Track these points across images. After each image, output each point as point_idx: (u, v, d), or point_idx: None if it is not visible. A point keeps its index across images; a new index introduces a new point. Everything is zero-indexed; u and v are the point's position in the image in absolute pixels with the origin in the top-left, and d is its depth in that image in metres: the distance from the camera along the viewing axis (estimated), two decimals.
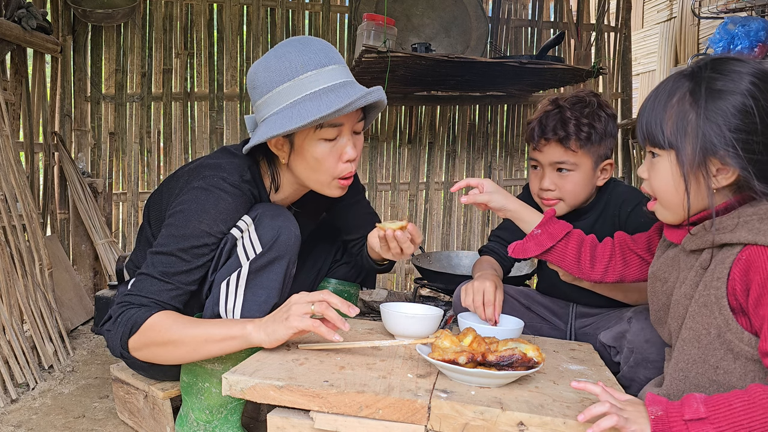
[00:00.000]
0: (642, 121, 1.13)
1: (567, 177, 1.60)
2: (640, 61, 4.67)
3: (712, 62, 1.08)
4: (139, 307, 1.30)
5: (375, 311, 2.84)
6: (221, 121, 3.26)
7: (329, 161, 1.38)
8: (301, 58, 1.32)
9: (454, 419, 1.03)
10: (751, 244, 1.00)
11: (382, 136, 3.42)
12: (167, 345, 1.27)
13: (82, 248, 2.94)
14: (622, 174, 3.52)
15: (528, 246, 1.40)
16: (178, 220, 1.34)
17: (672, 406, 0.94)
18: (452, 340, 1.18)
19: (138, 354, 1.31)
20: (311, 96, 1.31)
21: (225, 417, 1.43)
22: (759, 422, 0.89)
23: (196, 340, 1.26)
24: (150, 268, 1.33)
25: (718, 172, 1.05)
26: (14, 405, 1.74)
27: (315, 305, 1.22)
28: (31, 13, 2.43)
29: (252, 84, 1.39)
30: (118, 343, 1.31)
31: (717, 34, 2.40)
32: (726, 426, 0.90)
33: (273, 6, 3.25)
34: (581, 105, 1.59)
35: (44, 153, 2.85)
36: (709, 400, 0.93)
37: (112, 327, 1.31)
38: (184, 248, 1.32)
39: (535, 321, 1.76)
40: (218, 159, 1.44)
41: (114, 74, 3.16)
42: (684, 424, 0.92)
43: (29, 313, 2.04)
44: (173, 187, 1.47)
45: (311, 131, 1.35)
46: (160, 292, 1.31)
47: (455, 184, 1.46)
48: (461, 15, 3.15)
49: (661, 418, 0.93)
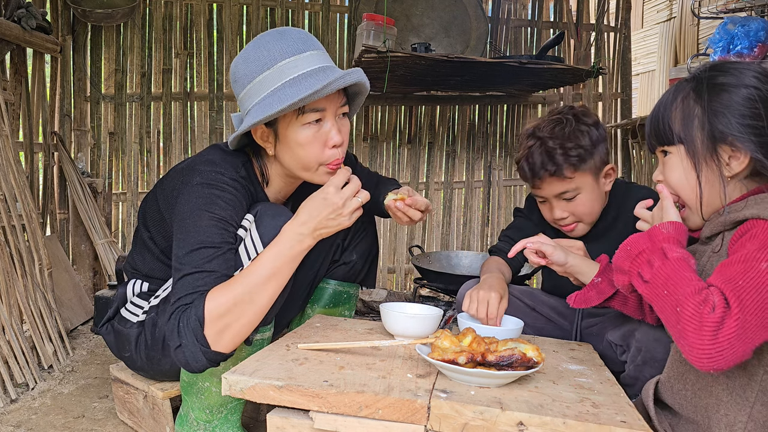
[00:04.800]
0: (650, 126, 1.17)
1: (575, 201, 1.61)
2: (639, 61, 4.67)
3: (711, 65, 1.13)
4: (189, 305, 1.24)
5: (375, 311, 2.84)
6: (221, 121, 3.26)
7: (314, 147, 1.36)
8: (279, 46, 1.33)
9: (454, 419, 1.03)
10: (754, 218, 1.01)
11: (382, 136, 3.42)
12: (241, 311, 1.22)
13: (82, 248, 2.94)
14: (622, 174, 3.52)
15: (589, 295, 1.39)
16: (189, 218, 1.31)
17: (643, 254, 1.05)
18: (452, 340, 1.18)
19: (223, 342, 1.23)
20: (290, 82, 1.30)
21: (225, 417, 1.43)
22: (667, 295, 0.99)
23: (262, 283, 1.24)
24: (184, 269, 1.27)
25: (730, 159, 1.08)
26: (14, 405, 1.74)
27: (360, 197, 1.29)
28: (30, 13, 2.43)
29: (234, 78, 1.39)
30: (198, 349, 1.22)
31: (717, 34, 2.40)
32: (652, 296, 1.02)
33: (273, 6, 3.25)
34: (560, 128, 1.58)
35: (44, 153, 2.85)
36: (660, 269, 1.01)
37: (178, 340, 1.22)
38: (207, 239, 1.28)
39: (540, 322, 1.76)
40: (211, 156, 1.42)
41: (114, 74, 3.16)
42: (636, 275, 1.07)
43: (29, 313, 2.04)
44: (167, 188, 1.46)
45: (293, 118, 1.34)
46: (205, 284, 1.25)
47: (512, 248, 1.48)
48: (461, 15, 3.15)
49: (630, 252, 1.08)
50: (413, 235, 3.49)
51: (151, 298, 1.53)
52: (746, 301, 0.91)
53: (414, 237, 3.49)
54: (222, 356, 1.25)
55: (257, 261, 1.27)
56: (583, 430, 0.98)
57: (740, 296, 0.91)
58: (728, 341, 0.89)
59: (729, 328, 0.89)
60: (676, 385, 1.13)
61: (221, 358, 1.25)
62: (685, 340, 0.93)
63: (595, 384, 1.21)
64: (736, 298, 0.91)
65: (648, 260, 1.04)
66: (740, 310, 0.90)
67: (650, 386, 1.20)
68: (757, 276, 0.93)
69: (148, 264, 1.56)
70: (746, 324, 0.90)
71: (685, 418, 1.11)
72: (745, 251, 0.97)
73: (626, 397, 1.14)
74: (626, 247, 1.09)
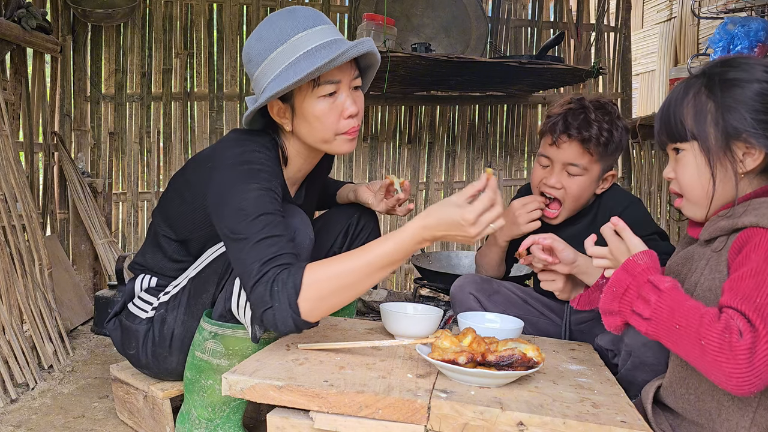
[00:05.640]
0: (660, 122, 1.15)
1: (575, 179, 1.61)
2: (639, 61, 4.67)
3: (721, 60, 1.11)
4: (282, 269, 1.22)
5: (375, 311, 2.84)
6: (221, 121, 3.26)
7: (331, 118, 1.38)
8: (291, 23, 1.35)
9: (454, 419, 1.03)
10: (753, 226, 1.00)
11: (382, 136, 3.42)
12: (340, 292, 1.22)
13: (82, 248, 2.94)
14: (622, 174, 3.52)
15: (594, 297, 1.38)
16: (236, 193, 1.30)
17: (631, 290, 1.03)
18: (452, 340, 1.18)
19: (314, 314, 1.22)
20: (305, 54, 1.33)
21: (227, 415, 1.43)
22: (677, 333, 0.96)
23: (370, 272, 1.22)
24: (252, 237, 1.24)
25: (744, 156, 1.06)
26: (14, 405, 1.74)
27: (495, 224, 1.20)
28: (30, 13, 2.43)
29: (247, 57, 1.41)
30: (289, 315, 1.21)
31: (717, 34, 2.39)
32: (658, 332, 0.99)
33: (273, 6, 3.25)
34: (603, 111, 1.59)
35: (44, 153, 2.85)
36: (659, 303, 0.98)
37: (270, 302, 1.21)
38: (263, 208, 1.27)
39: (533, 315, 1.77)
40: (236, 138, 1.43)
41: (114, 74, 3.16)
42: (630, 313, 1.03)
43: (29, 313, 2.04)
44: (191, 177, 1.47)
45: (309, 90, 1.36)
46: (281, 248, 1.24)
47: (522, 243, 1.47)
48: (461, 15, 3.15)
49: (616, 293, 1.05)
50: None
51: (160, 294, 1.54)
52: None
53: None
54: (308, 325, 1.24)
55: (369, 249, 1.23)
56: (583, 430, 0.98)
57: (762, 314, 0.90)
58: (765, 363, 0.88)
59: (763, 350, 0.88)
60: (679, 390, 1.13)
61: (307, 326, 1.25)
62: (720, 371, 0.90)
63: (595, 384, 1.21)
64: (759, 317, 0.90)
65: (639, 296, 1.01)
66: (766, 329, 0.89)
67: (650, 389, 1.20)
68: None
69: (159, 262, 1.56)
70: None
71: (688, 420, 1.11)
72: (752, 264, 0.95)
73: (626, 398, 1.14)
74: (611, 288, 1.06)
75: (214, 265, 1.46)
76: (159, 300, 1.52)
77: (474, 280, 1.79)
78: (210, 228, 1.41)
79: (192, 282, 1.49)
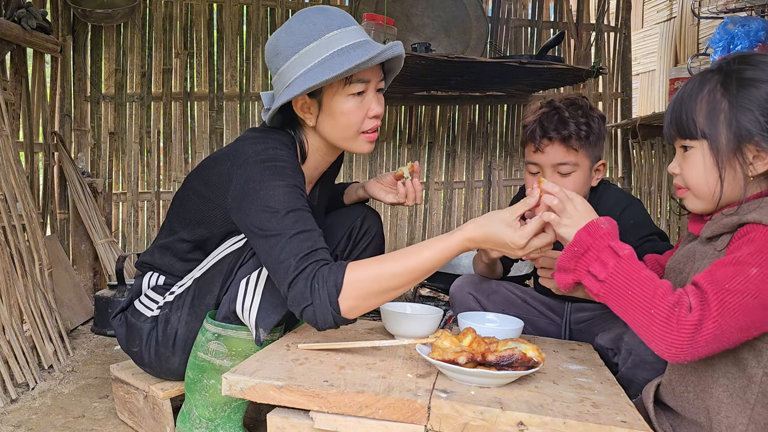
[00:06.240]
0: (671, 116, 1.12)
1: (568, 178, 1.61)
2: (639, 61, 4.67)
3: (739, 57, 1.09)
4: (322, 265, 1.23)
5: (375, 311, 2.84)
6: (221, 121, 3.26)
7: (357, 116, 1.41)
8: (324, 20, 1.37)
9: (454, 419, 1.03)
10: (755, 223, 1.00)
11: (382, 136, 3.42)
12: (382, 292, 1.23)
13: (82, 248, 2.94)
14: (622, 173, 3.52)
15: None
16: (262, 190, 1.30)
17: (591, 251, 1.05)
18: (452, 340, 1.18)
19: (354, 313, 1.23)
20: (339, 52, 1.34)
21: (228, 415, 1.43)
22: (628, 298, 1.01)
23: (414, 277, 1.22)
24: (285, 232, 1.25)
25: (754, 159, 1.04)
26: (14, 405, 1.74)
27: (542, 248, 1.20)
28: (30, 13, 2.44)
29: (274, 50, 1.40)
30: (329, 312, 1.21)
31: (717, 34, 2.39)
32: (609, 295, 1.03)
33: (273, 6, 3.25)
34: (575, 107, 1.61)
35: (44, 153, 2.85)
36: (616, 268, 1.02)
37: (310, 299, 1.21)
38: (291, 204, 1.28)
39: (532, 314, 1.77)
40: (256, 137, 1.43)
41: (114, 74, 3.17)
42: (585, 273, 1.06)
43: (29, 313, 2.04)
44: (209, 176, 1.46)
45: (340, 87, 1.38)
46: (315, 243, 1.26)
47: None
48: (461, 15, 3.15)
49: (576, 252, 1.06)
50: (413, 234, 3.50)
51: (166, 293, 1.54)
52: (728, 304, 0.93)
53: (414, 237, 3.49)
54: (347, 321, 1.26)
55: (412, 253, 1.23)
56: (584, 430, 0.98)
57: (723, 299, 0.93)
58: (705, 341, 0.93)
59: (707, 329, 0.93)
60: (678, 388, 1.13)
61: (346, 323, 1.26)
62: (662, 340, 0.96)
63: (595, 384, 1.21)
64: (718, 300, 0.93)
65: (597, 258, 1.04)
66: (719, 313, 0.92)
67: (651, 388, 1.20)
68: (745, 281, 0.93)
69: (169, 261, 1.56)
70: (724, 326, 0.92)
71: (688, 419, 1.11)
72: (739, 254, 0.97)
73: (626, 397, 1.14)
74: (573, 247, 1.08)
75: (219, 267, 1.46)
76: (164, 299, 1.53)
77: (473, 280, 1.80)
78: (229, 226, 1.43)
79: (196, 283, 1.49)
